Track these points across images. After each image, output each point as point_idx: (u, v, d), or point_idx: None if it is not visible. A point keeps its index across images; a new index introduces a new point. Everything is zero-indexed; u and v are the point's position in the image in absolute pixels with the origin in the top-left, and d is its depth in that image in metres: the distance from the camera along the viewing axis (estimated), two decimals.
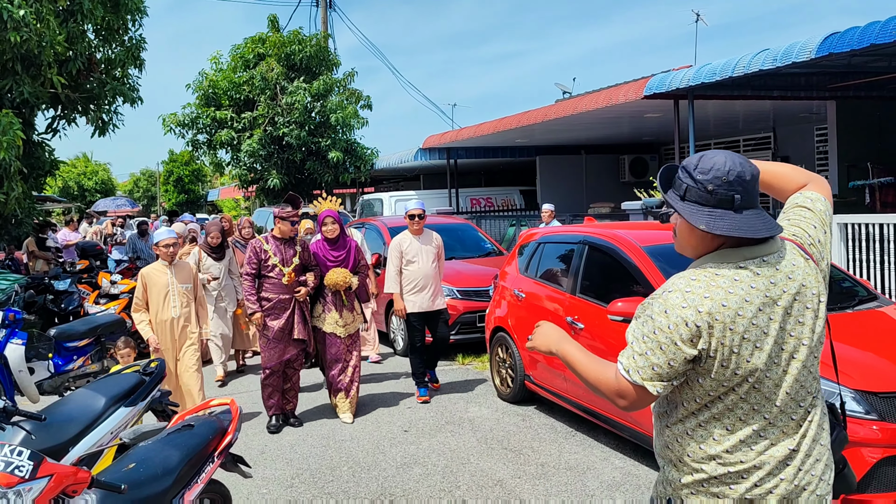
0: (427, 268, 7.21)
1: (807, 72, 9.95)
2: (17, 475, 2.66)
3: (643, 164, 18.74)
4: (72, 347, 7.67)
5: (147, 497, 3.26)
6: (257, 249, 6.52)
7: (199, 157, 19.15)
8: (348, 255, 6.79)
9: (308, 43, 18.27)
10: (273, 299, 6.45)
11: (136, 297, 6.36)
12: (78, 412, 4.30)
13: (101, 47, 12.00)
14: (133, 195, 61.28)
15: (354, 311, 6.85)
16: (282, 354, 6.49)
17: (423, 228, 7.34)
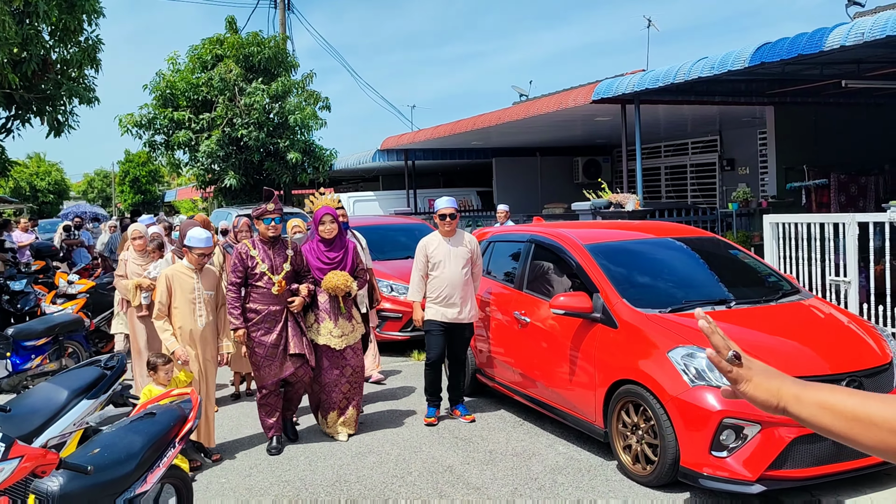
0: (456, 274, 6.30)
1: (746, 78, 10.44)
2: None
3: (596, 165, 19.22)
4: (30, 346, 7.75)
5: (111, 480, 3.47)
6: (243, 255, 5.81)
7: (157, 157, 19.08)
8: (345, 258, 6.09)
9: (266, 45, 18.34)
10: (262, 311, 5.74)
11: (158, 302, 5.65)
12: (41, 404, 4.47)
13: (56, 48, 12.00)
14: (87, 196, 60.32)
15: (353, 319, 6.12)
16: (278, 372, 5.80)
17: (455, 229, 6.46)
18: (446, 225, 6.39)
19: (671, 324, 5.07)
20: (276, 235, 5.89)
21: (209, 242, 5.68)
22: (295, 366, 5.83)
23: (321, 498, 4.97)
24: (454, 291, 6.29)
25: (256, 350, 5.77)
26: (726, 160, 15.77)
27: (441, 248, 6.37)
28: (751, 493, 4.46)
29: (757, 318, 5.30)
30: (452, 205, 6.46)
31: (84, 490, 3.36)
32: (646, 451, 4.93)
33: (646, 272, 5.94)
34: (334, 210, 6.21)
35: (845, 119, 12.65)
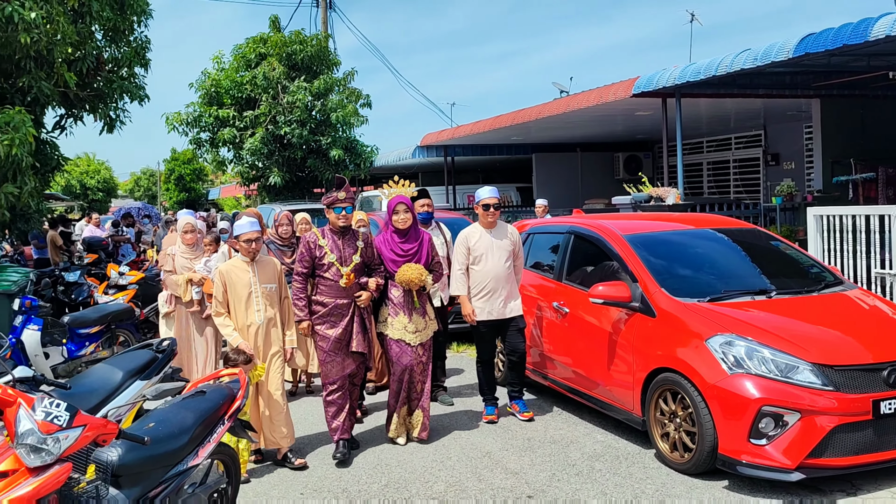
0: (499, 267, 6.05)
1: (791, 70, 10.32)
2: (55, 423, 3.03)
3: (637, 161, 19.12)
4: (84, 334, 8.06)
5: (165, 452, 3.64)
6: (311, 245, 5.51)
7: (202, 155, 19.48)
8: (420, 250, 5.77)
9: (309, 43, 18.60)
10: (328, 304, 5.47)
11: (215, 299, 5.45)
12: (99, 384, 4.69)
13: (108, 47, 12.37)
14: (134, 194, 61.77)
15: (427, 315, 5.81)
16: (342, 368, 5.54)
17: (496, 221, 6.19)
18: (489, 216, 6.12)
19: (710, 312, 5.09)
20: (346, 225, 5.57)
21: (253, 227, 5.42)
22: (355, 363, 5.59)
23: (363, 479, 5.11)
24: (498, 285, 6.06)
25: (320, 344, 5.53)
26: (771, 155, 15.56)
27: (483, 241, 6.12)
28: (790, 480, 4.46)
29: (798, 308, 5.29)
30: (495, 194, 6.19)
31: (140, 461, 3.53)
32: (684, 438, 4.96)
33: (685, 262, 5.95)
34: (408, 199, 5.89)
35: (894, 111, 12.39)
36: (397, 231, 5.78)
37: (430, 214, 6.73)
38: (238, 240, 5.45)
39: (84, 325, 7.99)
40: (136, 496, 3.50)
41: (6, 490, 2.93)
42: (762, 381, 4.57)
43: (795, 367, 4.58)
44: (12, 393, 3.08)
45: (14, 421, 3.01)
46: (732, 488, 4.70)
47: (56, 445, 3.02)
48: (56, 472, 3.02)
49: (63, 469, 3.05)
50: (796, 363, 4.59)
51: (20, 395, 3.08)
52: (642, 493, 4.71)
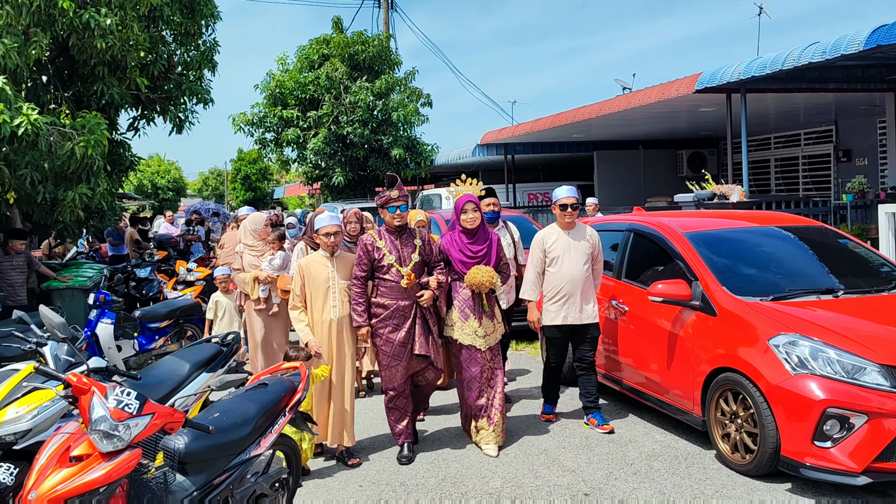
0: (577, 271, 5.79)
1: (863, 64, 9.98)
2: (126, 411, 3.18)
3: (701, 158, 18.74)
4: (154, 328, 8.35)
5: (229, 441, 3.77)
6: (369, 247, 5.36)
7: (267, 155, 19.94)
8: (489, 251, 5.56)
9: (371, 43, 18.86)
10: (390, 306, 5.32)
11: (293, 292, 5.45)
12: (167, 375, 4.88)
13: (178, 50, 12.78)
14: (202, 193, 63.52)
15: (495, 318, 5.61)
16: (405, 372, 5.42)
17: (575, 221, 5.96)
18: (567, 216, 5.87)
19: (773, 311, 4.98)
20: (402, 224, 5.41)
21: (333, 220, 5.38)
22: (420, 366, 5.44)
23: (420, 473, 5.17)
24: (575, 289, 5.79)
25: (383, 349, 5.36)
26: (842, 151, 15.06)
27: (560, 242, 5.87)
28: (856, 484, 4.34)
29: (867, 308, 5.13)
30: (573, 194, 5.90)
31: (205, 450, 3.67)
32: (745, 439, 4.87)
33: (747, 260, 5.83)
34: (476, 198, 5.66)
35: None
36: (465, 231, 5.57)
37: (496, 214, 6.51)
38: (318, 233, 5.42)
39: (154, 320, 8.28)
40: (201, 483, 3.63)
41: (81, 473, 3.09)
42: (827, 382, 4.45)
43: (862, 369, 4.45)
44: (87, 381, 3.25)
45: (88, 408, 3.17)
46: (795, 491, 4.60)
47: (127, 432, 3.16)
48: (127, 457, 3.17)
49: (133, 455, 3.19)
50: (863, 364, 4.46)
51: (94, 384, 3.24)
52: (701, 494, 4.64)
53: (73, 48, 9.85)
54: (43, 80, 10.42)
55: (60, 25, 9.37)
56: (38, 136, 8.27)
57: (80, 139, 8.96)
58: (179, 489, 3.54)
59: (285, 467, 4.35)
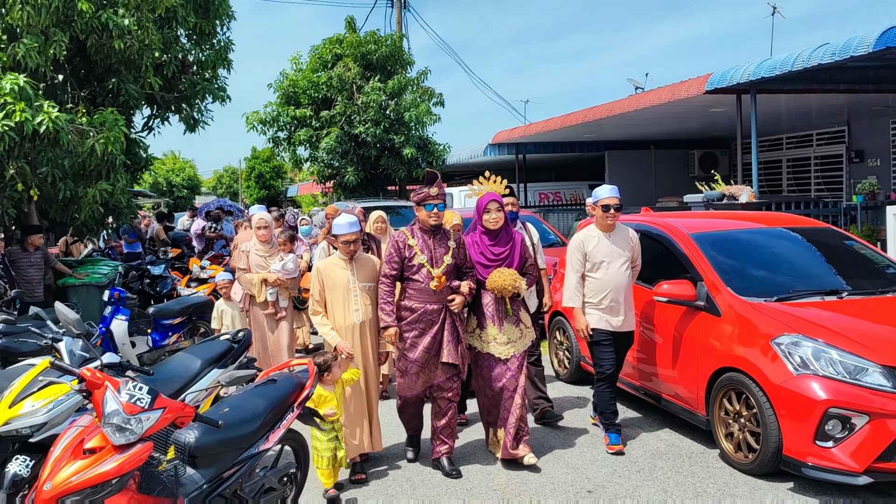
0: (619, 275, 5.50)
1: (874, 65, 9.96)
2: (138, 405, 3.28)
3: (713, 158, 18.71)
4: (167, 325, 8.50)
5: (239, 436, 3.86)
6: (400, 245, 5.11)
7: (280, 153, 20.09)
8: (512, 253, 5.27)
9: (383, 43, 18.95)
10: (417, 309, 5.05)
11: (312, 297, 5.25)
12: (179, 371, 4.99)
13: (192, 50, 12.92)
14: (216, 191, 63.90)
15: (521, 323, 5.30)
16: (426, 381, 5.13)
17: (616, 224, 5.63)
18: (609, 218, 5.53)
19: (776, 312, 5.03)
20: (438, 224, 5.13)
21: (353, 228, 5.13)
22: (446, 375, 5.13)
23: (426, 470, 5.25)
24: (619, 296, 5.48)
25: (406, 354, 5.09)
26: (854, 152, 15.01)
27: (602, 246, 5.55)
28: (857, 484, 4.38)
29: (870, 309, 5.17)
30: (616, 194, 5.58)
31: (215, 444, 3.76)
32: (748, 438, 4.92)
33: (752, 261, 5.87)
34: (500, 197, 5.39)
35: None
36: (487, 232, 5.29)
37: (515, 214, 6.17)
38: (337, 239, 5.22)
39: (167, 316, 8.42)
40: (211, 476, 3.73)
41: (94, 465, 3.19)
42: (829, 383, 4.50)
43: (865, 370, 4.49)
44: (100, 376, 3.35)
45: (101, 402, 3.27)
46: (797, 490, 4.65)
47: (139, 425, 3.26)
48: (138, 450, 3.26)
49: (145, 448, 3.29)
50: (865, 365, 4.50)
51: (107, 379, 3.34)
52: (704, 492, 4.70)
53: (91, 48, 10.01)
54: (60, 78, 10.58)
55: (79, 25, 9.53)
56: (59, 133, 8.41)
57: (100, 136, 9.11)
58: (190, 482, 3.64)
59: (294, 462, 4.45)
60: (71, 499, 3.11)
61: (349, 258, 5.20)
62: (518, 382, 5.20)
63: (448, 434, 5.21)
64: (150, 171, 17.26)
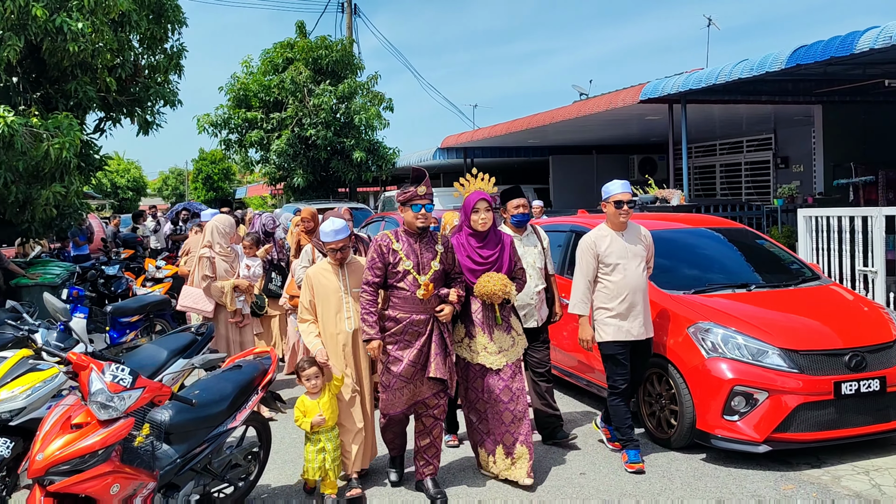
0: (636, 277, 5.17)
1: (792, 78, 10.77)
2: (121, 385, 3.66)
3: (652, 163, 19.57)
4: (125, 323, 8.74)
5: (209, 415, 4.27)
6: (384, 249, 4.68)
7: (231, 155, 20.28)
8: (501, 256, 4.93)
9: (334, 48, 19.32)
10: (403, 320, 4.63)
11: (301, 304, 4.97)
12: (147, 361, 5.32)
13: (144, 54, 13.12)
14: (162, 193, 63.03)
15: (512, 331, 4.97)
16: (411, 397, 4.70)
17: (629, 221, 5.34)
18: (622, 215, 5.21)
19: (692, 303, 5.63)
20: (425, 227, 4.72)
21: (339, 235, 4.80)
22: (432, 391, 4.71)
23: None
24: (636, 299, 5.15)
25: (391, 367, 4.65)
26: (780, 158, 15.96)
27: (616, 246, 5.21)
28: (758, 452, 5.00)
29: (774, 300, 5.80)
30: (629, 189, 5.26)
31: (187, 422, 4.16)
32: (667, 416, 5.50)
33: (674, 258, 6.46)
34: (489, 196, 5.02)
35: (893, 117, 12.79)
36: (475, 234, 4.93)
37: (527, 216, 5.67)
38: (325, 246, 4.93)
39: (125, 315, 8.66)
40: (183, 451, 4.13)
41: (81, 438, 3.56)
42: (735, 364, 5.10)
43: (765, 352, 5.10)
44: (85, 359, 3.72)
45: (87, 382, 3.65)
46: (709, 460, 5.24)
47: (122, 403, 3.65)
48: (121, 425, 3.65)
49: (127, 423, 3.68)
50: (766, 348, 5.12)
51: (92, 361, 3.72)
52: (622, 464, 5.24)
53: (46, 52, 10.18)
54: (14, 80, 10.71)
55: (33, 29, 9.70)
56: (14, 136, 8.60)
57: (55, 140, 9.31)
58: (164, 456, 4.04)
59: (257, 441, 4.86)
60: (61, 467, 3.48)
61: (338, 264, 4.91)
62: (513, 393, 4.86)
63: (433, 454, 4.83)
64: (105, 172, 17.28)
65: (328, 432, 4.73)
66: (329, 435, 4.73)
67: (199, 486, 4.30)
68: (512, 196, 5.68)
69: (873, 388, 5.07)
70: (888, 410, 5.16)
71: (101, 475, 3.55)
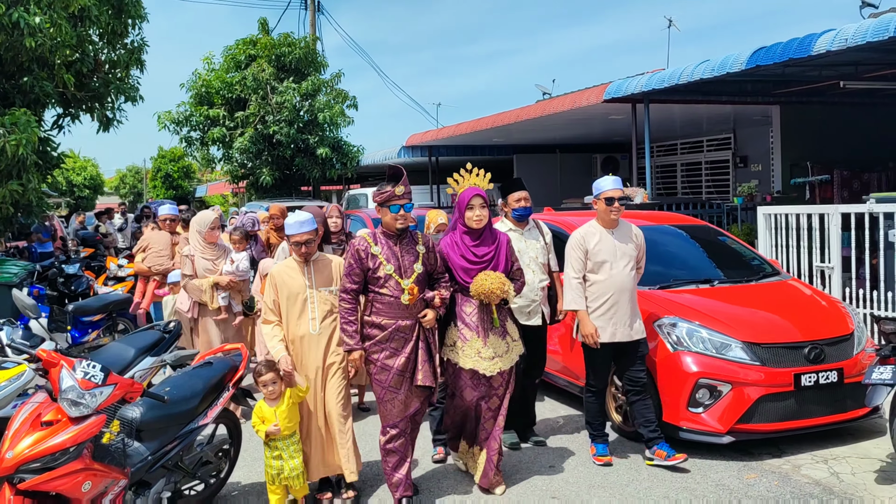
0: (623, 277, 5.08)
1: (751, 79, 11.02)
2: (93, 381, 3.63)
3: (614, 162, 19.82)
4: (87, 322, 8.61)
5: (180, 412, 4.25)
6: (362, 253, 4.43)
7: (192, 153, 20.01)
8: (497, 254, 4.70)
9: (298, 46, 19.18)
10: (388, 326, 4.41)
11: (264, 304, 4.66)
12: (114, 359, 5.26)
13: (104, 49, 12.89)
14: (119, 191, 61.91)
15: (508, 335, 4.70)
16: (405, 407, 4.49)
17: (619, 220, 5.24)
18: (613, 212, 5.13)
19: (658, 298, 5.75)
20: (404, 228, 4.50)
21: (305, 227, 4.55)
22: (420, 399, 4.55)
23: None
24: (622, 298, 5.07)
25: (378, 378, 4.43)
26: (739, 157, 16.29)
27: (605, 244, 5.13)
28: (721, 443, 5.13)
29: (736, 295, 5.96)
30: (619, 185, 5.18)
31: (158, 419, 4.14)
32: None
33: None
34: (484, 192, 4.79)
35: (848, 118, 13.19)
36: (469, 231, 4.69)
37: (529, 210, 5.51)
38: (289, 240, 4.65)
39: (87, 313, 8.53)
40: (154, 448, 4.11)
41: (52, 436, 3.52)
42: (700, 358, 5.23)
43: (729, 346, 5.24)
44: (55, 356, 3.68)
45: (58, 379, 3.61)
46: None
47: (93, 399, 3.61)
48: (92, 422, 3.62)
49: (98, 420, 3.64)
50: (729, 342, 5.25)
51: (62, 358, 3.67)
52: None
53: (1, 47, 9.95)
54: None
55: None
56: None
57: (11, 137, 9.11)
58: (135, 454, 4.02)
59: (228, 438, 4.84)
60: (32, 464, 3.44)
61: (303, 260, 4.63)
62: (503, 403, 4.70)
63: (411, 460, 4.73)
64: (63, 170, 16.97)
65: (285, 440, 4.45)
66: (286, 443, 4.45)
67: (171, 483, 4.27)
68: (513, 189, 5.50)
69: (831, 380, 5.24)
70: (845, 401, 5.33)
71: (73, 472, 3.51)
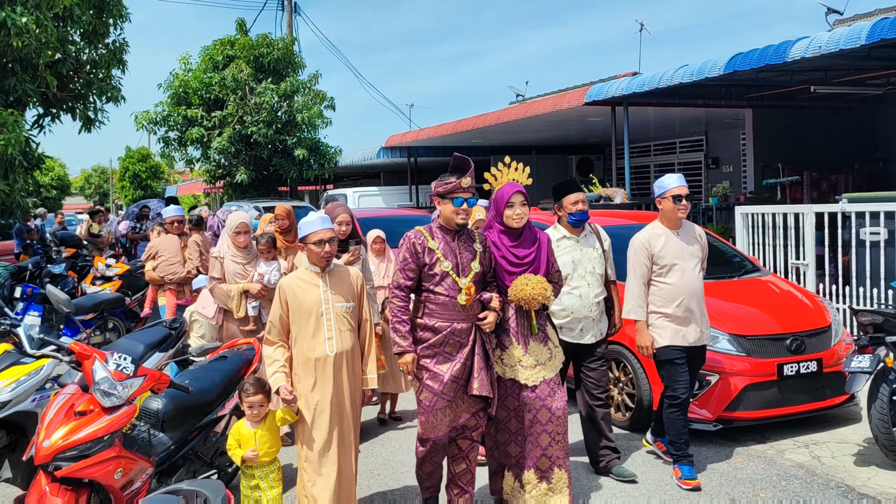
0: (693, 279, 4.80)
1: (725, 83, 11.41)
2: (124, 373, 3.79)
3: (589, 163, 20.21)
4: (79, 321, 8.67)
5: (202, 402, 4.41)
6: (418, 248, 4.06)
7: (170, 153, 19.98)
8: (538, 256, 4.31)
9: (276, 46, 19.26)
10: (442, 329, 4.01)
11: (270, 322, 4.13)
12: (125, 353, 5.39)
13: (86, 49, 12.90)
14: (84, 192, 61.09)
15: (549, 342, 4.32)
16: (454, 418, 4.04)
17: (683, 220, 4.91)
18: (681, 210, 4.82)
19: None
20: (465, 223, 4.13)
21: (325, 223, 4.09)
22: (472, 411, 4.08)
23: None
24: (693, 303, 4.78)
25: (429, 384, 4.00)
26: (711, 159, 16.75)
27: (671, 246, 4.83)
28: (710, 430, 5.42)
29: (721, 290, 6.25)
30: (685, 183, 4.89)
31: (179, 410, 4.29)
32: (626, 400, 5.88)
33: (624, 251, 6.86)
34: (524, 188, 4.43)
35: (818, 121, 13.69)
36: (508, 231, 4.32)
37: (586, 214, 5.05)
38: (305, 242, 4.10)
39: (79, 312, 8.59)
40: (176, 438, 4.27)
41: (86, 425, 3.67)
42: None
43: (716, 338, 5.52)
44: (88, 349, 3.83)
45: (91, 371, 3.76)
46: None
47: (125, 390, 3.77)
48: (124, 412, 3.77)
49: (130, 410, 3.80)
50: (717, 334, 5.54)
51: (95, 351, 3.82)
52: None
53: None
54: None
55: None
56: None
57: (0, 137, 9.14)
58: (160, 443, 4.17)
59: None
60: (68, 452, 3.58)
61: (322, 268, 4.12)
62: (552, 413, 4.19)
63: (468, 480, 4.24)
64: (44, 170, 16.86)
65: (263, 467, 4.10)
66: (265, 471, 4.10)
67: (190, 472, 4.43)
68: (568, 191, 5.07)
69: (811, 370, 5.56)
70: (824, 389, 5.66)
71: (107, 460, 3.66)
